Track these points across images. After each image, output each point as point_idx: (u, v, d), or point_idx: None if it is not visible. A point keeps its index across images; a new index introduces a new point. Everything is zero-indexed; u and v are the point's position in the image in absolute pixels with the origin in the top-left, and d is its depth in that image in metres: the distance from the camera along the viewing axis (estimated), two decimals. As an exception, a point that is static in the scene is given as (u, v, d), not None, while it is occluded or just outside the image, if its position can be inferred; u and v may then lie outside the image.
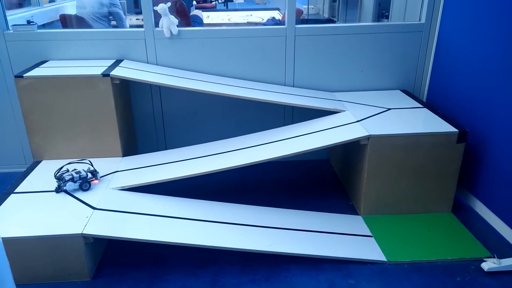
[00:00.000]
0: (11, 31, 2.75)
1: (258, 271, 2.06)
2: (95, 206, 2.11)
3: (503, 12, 2.18)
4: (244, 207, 2.37)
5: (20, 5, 4.08)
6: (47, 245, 1.91)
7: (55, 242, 1.91)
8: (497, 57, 2.23)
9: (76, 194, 2.20)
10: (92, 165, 2.39)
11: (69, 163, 2.45)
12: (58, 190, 2.23)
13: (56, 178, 2.28)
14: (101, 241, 2.14)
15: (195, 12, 5.12)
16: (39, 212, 2.07)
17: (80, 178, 2.24)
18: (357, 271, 2.04)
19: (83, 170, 2.28)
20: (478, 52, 2.39)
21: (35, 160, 2.63)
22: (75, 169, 2.29)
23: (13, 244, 1.88)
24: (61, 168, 2.34)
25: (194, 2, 4.92)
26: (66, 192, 2.21)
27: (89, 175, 2.28)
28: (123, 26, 4.34)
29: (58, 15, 4.26)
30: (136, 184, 2.32)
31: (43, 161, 2.62)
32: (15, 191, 2.26)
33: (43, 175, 2.45)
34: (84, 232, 1.91)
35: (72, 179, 2.22)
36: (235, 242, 2.05)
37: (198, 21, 4.86)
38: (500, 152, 2.22)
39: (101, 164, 2.54)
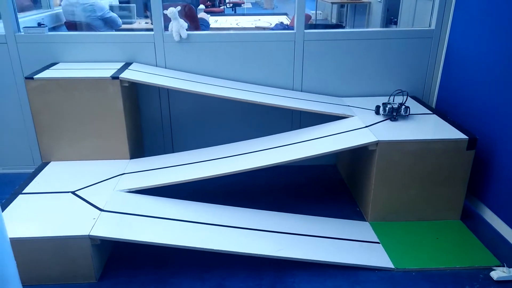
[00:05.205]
0: (22, 33, 2.78)
1: (264, 276, 2.05)
2: (102, 208, 2.12)
3: (514, 19, 2.17)
4: (251, 211, 2.37)
5: (30, 8, 4.12)
6: (54, 246, 1.92)
7: (62, 243, 1.91)
8: (508, 64, 2.21)
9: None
10: (406, 99, 2.67)
11: (395, 95, 2.76)
12: (392, 119, 2.57)
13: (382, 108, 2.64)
14: (108, 243, 2.14)
15: (201, 15, 5.14)
16: (46, 213, 2.08)
17: (393, 109, 2.55)
18: (364, 278, 2.02)
19: (399, 103, 2.59)
20: (488, 59, 2.38)
21: (43, 161, 2.65)
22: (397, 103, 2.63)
23: (20, 245, 1.88)
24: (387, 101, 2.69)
25: (202, 6, 4.95)
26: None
27: (402, 107, 2.56)
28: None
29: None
30: (143, 186, 2.32)
31: (51, 162, 2.63)
32: (23, 191, 2.27)
33: (51, 176, 2.46)
34: (91, 233, 1.91)
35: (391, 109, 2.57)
36: (242, 246, 2.04)
37: (205, 24, 4.88)
38: (510, 159, 2.20)
39: (109, 166, 2.56)
